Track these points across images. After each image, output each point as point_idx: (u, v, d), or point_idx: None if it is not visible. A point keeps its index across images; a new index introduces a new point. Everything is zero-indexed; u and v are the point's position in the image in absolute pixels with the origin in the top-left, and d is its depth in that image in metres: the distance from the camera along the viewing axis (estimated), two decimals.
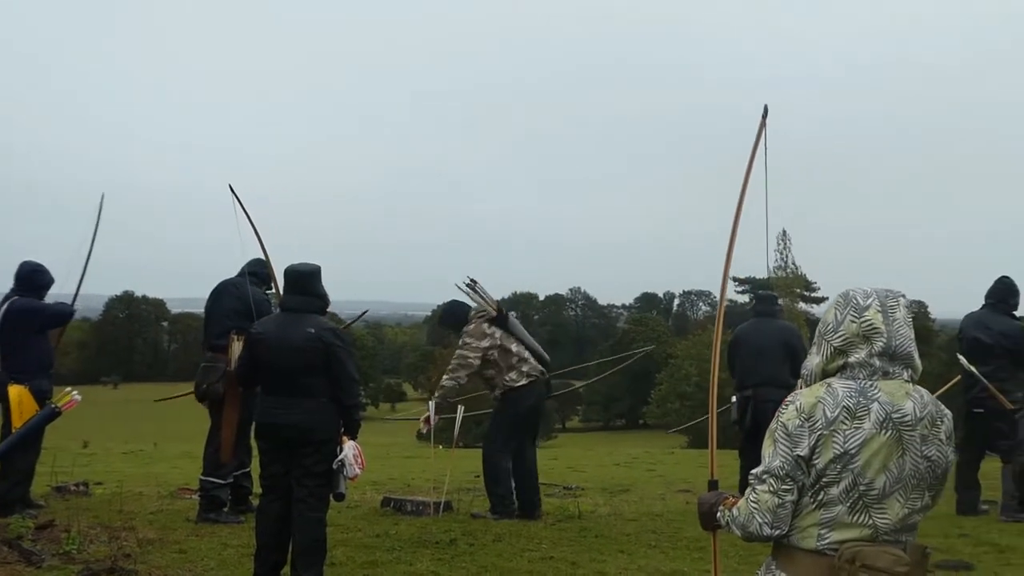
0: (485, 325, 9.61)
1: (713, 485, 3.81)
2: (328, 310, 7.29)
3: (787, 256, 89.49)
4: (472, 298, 9.84)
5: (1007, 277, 10.51)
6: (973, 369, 10.04)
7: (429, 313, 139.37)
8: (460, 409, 10.30)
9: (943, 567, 7.61)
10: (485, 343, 9.55)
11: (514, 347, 9.55)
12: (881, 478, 3.15)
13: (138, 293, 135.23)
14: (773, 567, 3.30)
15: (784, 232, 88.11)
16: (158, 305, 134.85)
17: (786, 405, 3.25)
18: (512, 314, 9.95)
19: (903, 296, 3.36)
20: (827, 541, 3.16)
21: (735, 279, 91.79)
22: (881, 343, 3.25)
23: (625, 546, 8.32)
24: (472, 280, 9.83)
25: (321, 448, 6.77)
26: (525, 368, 9.54)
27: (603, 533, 8.86)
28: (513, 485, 9.55)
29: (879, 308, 3.29)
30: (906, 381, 3.28)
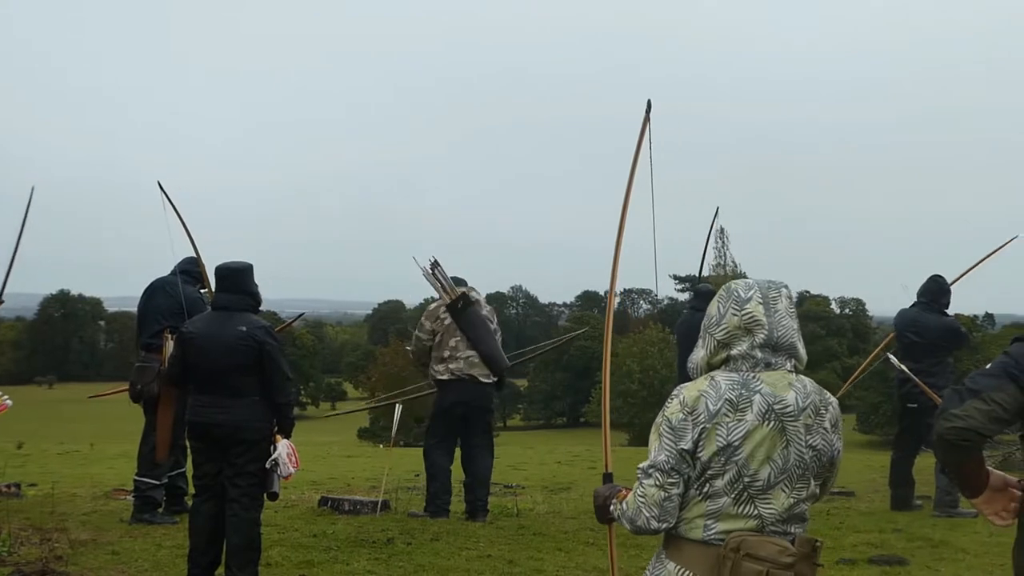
0: (441, 309, 9.55)
1: (607, 478, 3.83)
2: (268, 309, 7.25)
3: (725, 254, 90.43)
4: (429, 281, 9.69)
5: (940, 276, 10.69)
6: (903, 367, 10.21)
7: (370, 311, 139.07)
8: (398, 409, 10.25)
9: (877, 562, 7.71)
10: (431, 325, 9.53)
11: (452, 341, 9.45)
12: (765, 469, 3.20)
13: (74, 292, 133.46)
14: (663, 557, 3.34)
15: (722, 230, 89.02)
16: (95, 304, 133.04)
17: (671, 399, 3.29)
18: (485, 311, 9.75)
19: (785, 287, 3.40)
20: (713, 532, 3.21)
21: (675, 277, 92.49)
22: (763, 335, 3.29)
23: (563, 544, 8.32)
24: (435, 262, 9.69)
25: (254, 447, 6.72)
26: (452, 365, 9.41)
27: (541, 531, 8.85)
28: (449, 485, 9.54)
29: (760, 300, 3.33)
30: (789, 372, 3.32)
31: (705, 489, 3.21)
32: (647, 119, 5.13)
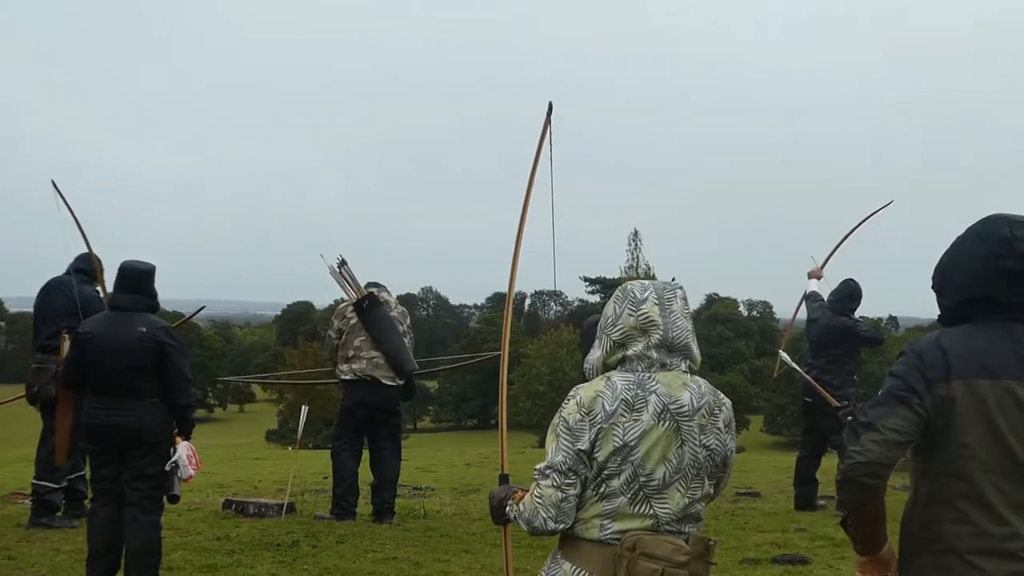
0: (348, 308, 9.51)
1: (503, 479, 3.85)
2: (174, 310, 7.17)
3: (638, 256, 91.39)
4: (335, 279, 9.62)
5: (852, 280, 10.87)
6: (795, 365, 10.37)
7: (279, 312, 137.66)
8: (304, 410, 10.17)
9: (780, 561, 7.79)
10: (338, 324, 9.51)
11: (357, 341, 9.40)
12: (661, 469, 3.23)
13: None
14: (559, 557, 3.35)
15: (636, 233, 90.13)
16: None
17: (567, 400, 3.31)
18: (395, 312, 9.73)
19: (680, 288, 3.45)
20: (609, 531, 3.23)
21: (585, 279, 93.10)
22: (658, 335, 3.32)
23: (470, 545, 8.31)
24: (342, 261, 9.61)
25: (153, 449, 6.61)
26: (356, 365, 9.39)
27: (448, 533, 8.84)
28: (356, 487, 9.48)
29: (656, 301, 3.36)
30: (684, 372, 3.36)
31: (601, 489, 3.23)
32: (548, 121, 5.16)
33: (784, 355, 10.50)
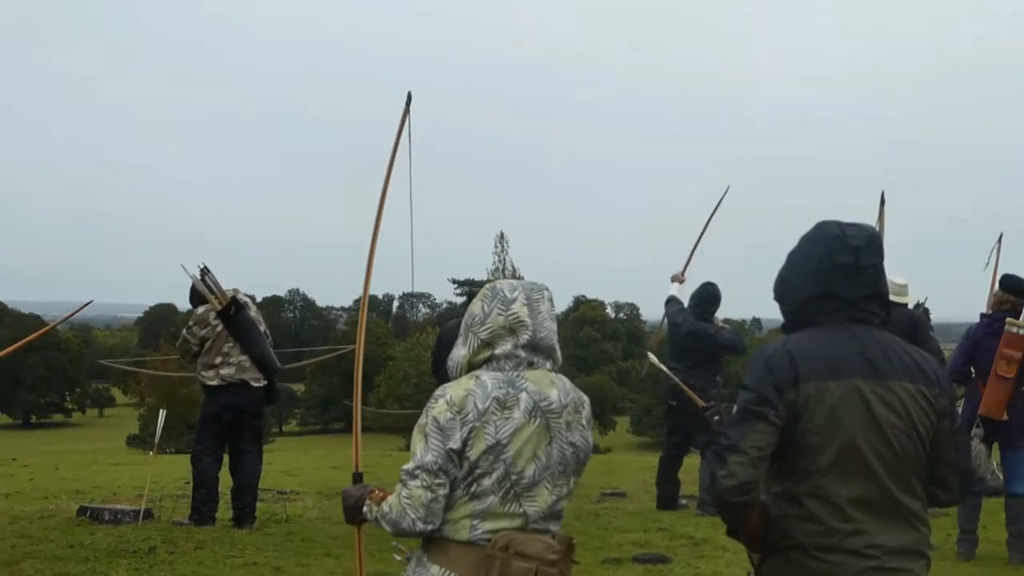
0: (211, 315, 9.35)
1: (357, 478, 3.83)
2: (32, 312, 7.01)
3: (504, 258, 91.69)
4: (198, 287, 9.46)
5: (711, 284, 10.98)
6: (662, 367, 10.46)
7: (141, 315, 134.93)
8: (162, 414, 9.97)
9: (641, 560, 7.87)
10: (203, 332, 9.34)
11: (225, 347, 9.26)
12: (531, 467, 3.23)
13: None
14: (425, 560, 3.30)
15: (502, 235, 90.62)
16: None
17: (435, 399, 3.28)
18: (252, 312, 9.58)
19: (547, 289, 3.46)
20: (480, 532, 3.21)
21: (454, 281, 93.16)
22: (527, 335, 3.33)
23: (332, 550, 8.22)
24: (204, 268, 9.44)
25: None
26: (224, 371, 9.24)
27: (310, 537, 8.73)
28: (216, 492, 9.32)
29: (525, 301, 3.37)
30: (549, 371, 3.37)
31: (472, 489, 3.21)
32: (407, 111, 5.13)
33: (652, 356, 10.57)
